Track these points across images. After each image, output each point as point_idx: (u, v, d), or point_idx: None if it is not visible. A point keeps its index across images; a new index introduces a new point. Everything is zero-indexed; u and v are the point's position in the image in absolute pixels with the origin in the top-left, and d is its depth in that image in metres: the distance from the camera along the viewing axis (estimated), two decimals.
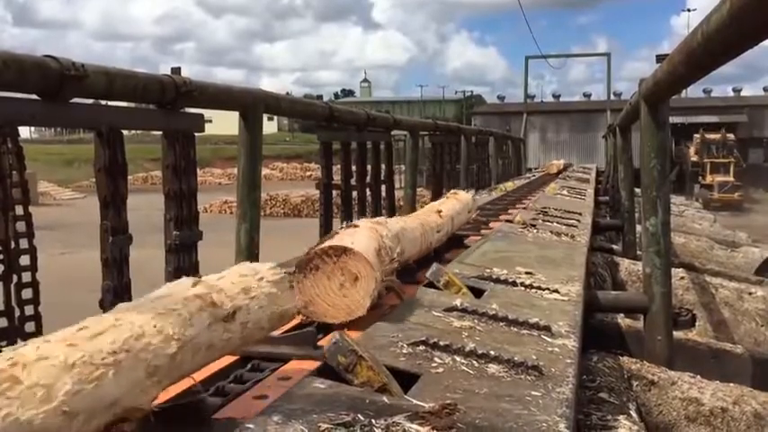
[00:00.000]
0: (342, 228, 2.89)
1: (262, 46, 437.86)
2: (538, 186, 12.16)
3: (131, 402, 1.30)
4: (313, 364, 1.90)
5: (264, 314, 1.82)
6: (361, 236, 2.63)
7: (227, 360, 2.04)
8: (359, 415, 1.46)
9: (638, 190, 5.69)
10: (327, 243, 2.52)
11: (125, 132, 3.06)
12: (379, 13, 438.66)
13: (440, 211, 4.26)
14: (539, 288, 3.09)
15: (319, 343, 2.24)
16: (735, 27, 1.80)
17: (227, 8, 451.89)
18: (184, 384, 1.61)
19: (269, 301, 1.84)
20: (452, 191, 5.66)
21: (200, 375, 1.74)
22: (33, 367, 1.15)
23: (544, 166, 20.86)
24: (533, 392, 1.76)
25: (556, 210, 6.77)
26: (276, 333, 2.12)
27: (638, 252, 6.41)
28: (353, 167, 6.20)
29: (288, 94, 7.41)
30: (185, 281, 1.70)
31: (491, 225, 5.82)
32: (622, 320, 4.33)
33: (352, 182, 6.17)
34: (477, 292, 2.92)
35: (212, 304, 1.62)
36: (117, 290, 2.94)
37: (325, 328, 2.40)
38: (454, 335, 2.21)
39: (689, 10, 59.93)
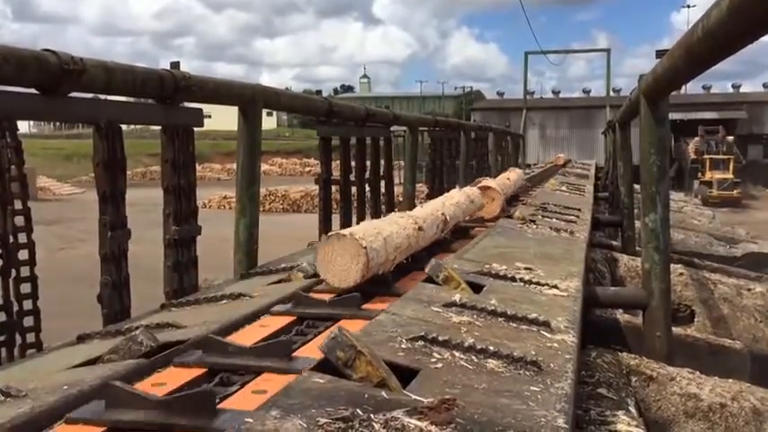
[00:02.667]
0: (479, 179, 6.14)
1: (262, 41, 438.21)
2: (549, 176, 12.48)
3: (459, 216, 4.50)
4: (485, 228, 4.86)
5: (481, 201, 5.16)
6: (493, 181, 5.67)
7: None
8: (358, 410, 1.46)
9: (637, 186, 5.69)
10: (480, 185, 5.48)
11: (124, 127, 3.05)
12: (380, 9, 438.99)
13: (509, 178, 7.26)
14: (538, 284, 3.09)
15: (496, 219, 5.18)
16: (734, 22, 1.80)
17: (227, 3, 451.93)
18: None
19: (479, 200, 5.10)
20: (510, 168, 8.95)
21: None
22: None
23: (547, 161, 22.99)
24: (532, 388, 1.76)
25: (555, 206, 6.76)
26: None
27: (638, 248, 6.41)
28: (353, 163, 6.20)
29: (287, 89, 7.38)
30: (456, 191, 4.96)
31: (530, 192, 8.41)
32: (621, 316, 4.33)
33: (352, 177, 6.17)
34: (477, 288, 2.92)
35: (468, 196, 4.86)
36: (116, 284, 2.94)
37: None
38: (453, 330, 2.21)
39: (689, 6, 59.88)
